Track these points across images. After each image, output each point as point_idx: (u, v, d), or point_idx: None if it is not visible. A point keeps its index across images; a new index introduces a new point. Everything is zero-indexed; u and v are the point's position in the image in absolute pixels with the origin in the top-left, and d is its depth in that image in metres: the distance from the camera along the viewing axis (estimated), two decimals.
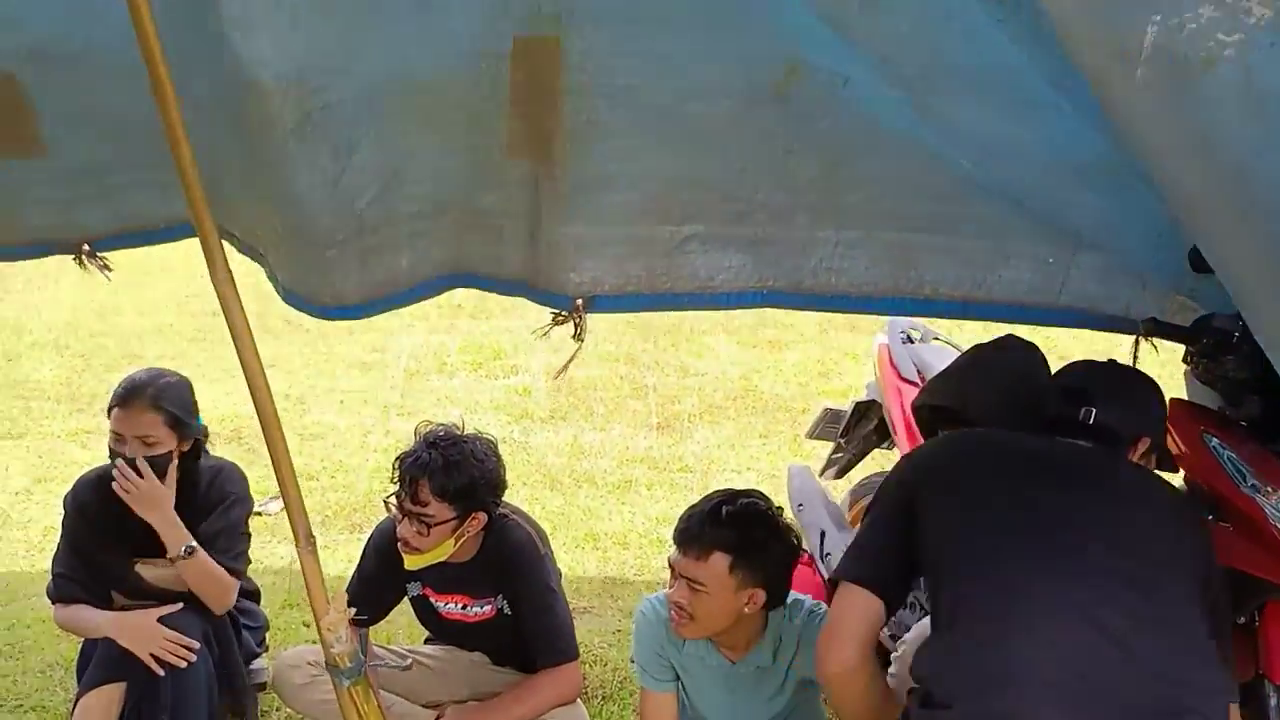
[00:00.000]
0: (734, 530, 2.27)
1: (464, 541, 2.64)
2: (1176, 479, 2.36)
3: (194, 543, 2.61)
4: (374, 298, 2.65)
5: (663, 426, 5.54)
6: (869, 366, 3.87)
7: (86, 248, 2.75)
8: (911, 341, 3.36)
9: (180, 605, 2.65)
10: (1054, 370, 2.46)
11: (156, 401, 2.63)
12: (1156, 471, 2.16)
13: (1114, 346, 2.72)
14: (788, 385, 6.20)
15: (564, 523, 4.40)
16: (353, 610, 2.26)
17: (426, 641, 3.00)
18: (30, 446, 5.09)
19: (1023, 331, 2.61)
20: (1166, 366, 2.58)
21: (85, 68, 2.17)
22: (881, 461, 3.99)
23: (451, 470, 2.54)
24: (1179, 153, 1.48)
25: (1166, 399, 2.50)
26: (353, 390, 6.02)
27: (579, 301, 2.61)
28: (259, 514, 4.31)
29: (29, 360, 6.39)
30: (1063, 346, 6.76)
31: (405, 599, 2.88)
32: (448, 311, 7.82)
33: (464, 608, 2.79)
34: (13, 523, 4.32)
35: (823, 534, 3.26)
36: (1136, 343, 2.51)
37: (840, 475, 3.72)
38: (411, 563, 2.63)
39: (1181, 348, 2.44)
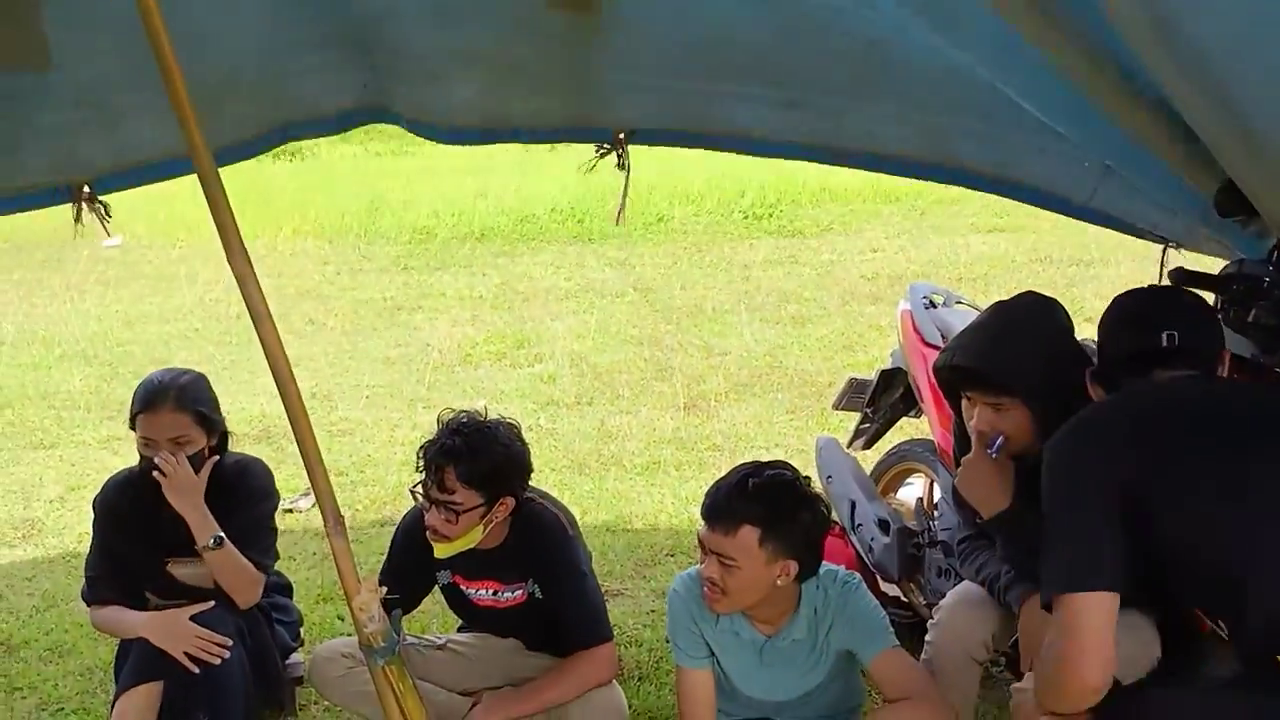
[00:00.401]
0: (762, 502, 2.24)
1: (493, 527, 2.62)
2: None
3: (222, 533, 2.62)
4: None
5: (689, 407, 5.52)
6: (894, 337, 3.82)
7: (87, 190, 2.71)
8: (934, 306, 3.31)
9: (212, 603, 2.66)
10: (1077, 325, 2.41)
11: (181, 401, 2.64)
12: None
13: None
14: (813, 360, 6.17)
15: (593, 506, 4.40)
16: (384, 589, 2.26)
17: (459, 630, 3.00)
18: (63, 456, 5.15)
19: (1046, 287, 2.56)
20: None
21: None
22: (909, 430, 3.95)
23: (477, 456, 2.53)
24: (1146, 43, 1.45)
25: None
26: (378, 385, 6.05)
27: (620, 135, 2.62)
28: (290, 510, 4.35)
29: (58, 371, 6.47)
30: (1089, 308, 6.67)
31: (436, 588, 2.88)
32: (469, 303, 7.85)
33: (495, 594, 2.78)
34: (48, 530, 4.37)
35: (853, 505, 3.23)
36: (1164, 252, 2.46)
37: (868, 445, 3.68)
38: (441, 551, 2.61)
39: (1212, 296, 2.38)
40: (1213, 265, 2.50)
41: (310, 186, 12.98)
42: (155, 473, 2.61)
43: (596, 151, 2.70)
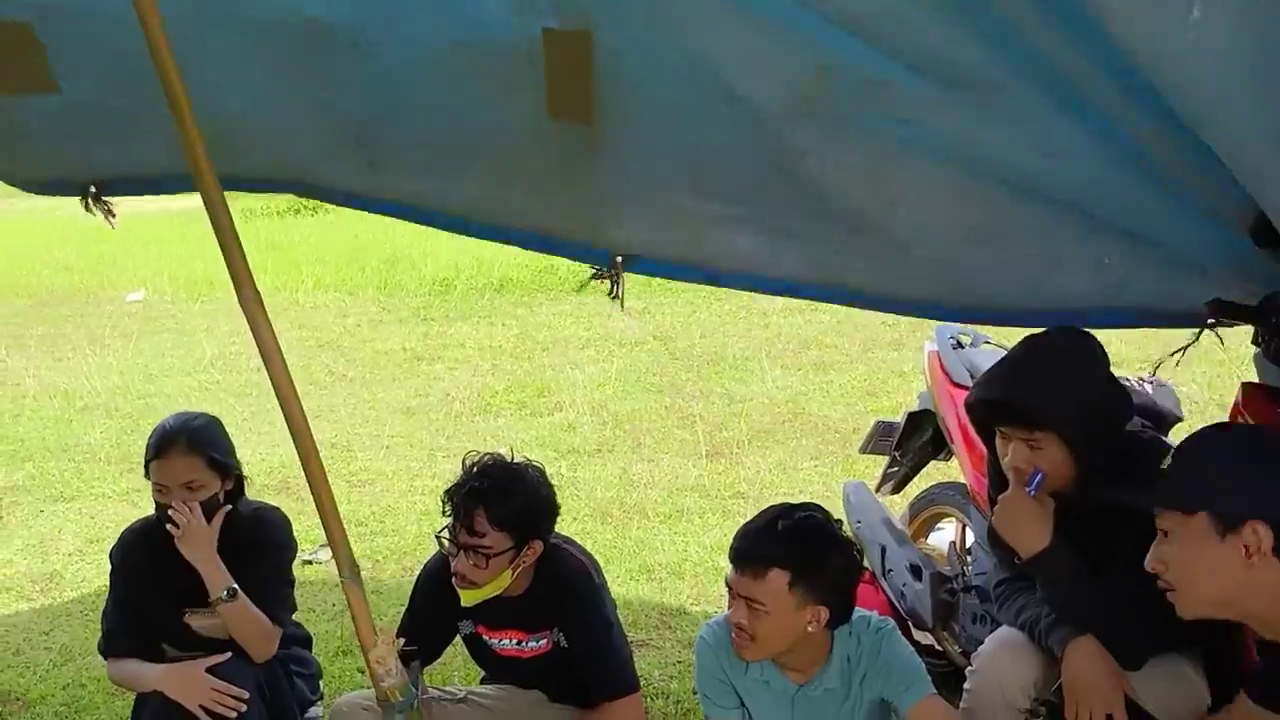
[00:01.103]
0: (791, 545, 2.18)
1: (519, 573, 2.57)
2: None
3: (235, 585, 2.57)
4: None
5: (712, 454, 5.46)
6: (917, 382, 3.77)
7: (93, 189, 2.78)
8: (962, 346, 3.26)
9: (229, 655, 2.61)
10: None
11: (193, 445, 2.60)
12: None
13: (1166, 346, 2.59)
14: (835, 406, 6.10)
15: (617, 555, 4.33)
16: (401, 641, 2.20)
17: (482, 681, 2.93)
18: (82, 508, 5.13)
19: None
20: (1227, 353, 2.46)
21: (94, 16, 2.20)
22: (937, 474, 3.88)
23: (507, 497, 2.48)
24: (1233, 85, 1.41)
25: (1239, 383, 2.40)
26: (398, 435, 6.02)
27: (618, 259, 2.58)
28: (309, 562, 4.30)
29: (80, 424, 6.47)
30: (1115, 352, 6.59)
31: (458, 638, 2.81)
32: (489, 352, 7.84)
33: (519, 643, 2.71)
34: (66, 584, 4.33)
35: (883, 550, 3.17)
36: (1198, 334, 2.39)
37: (897, 490, 3.62)
38: (469, 598, 2.55)
39: (1250, 329, 2.32)
40: None
41: (330, 240, 13.10)
42: (168, 525, 2.57)
43: (593, 275, 2.69)
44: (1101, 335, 2.37)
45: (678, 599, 3.94)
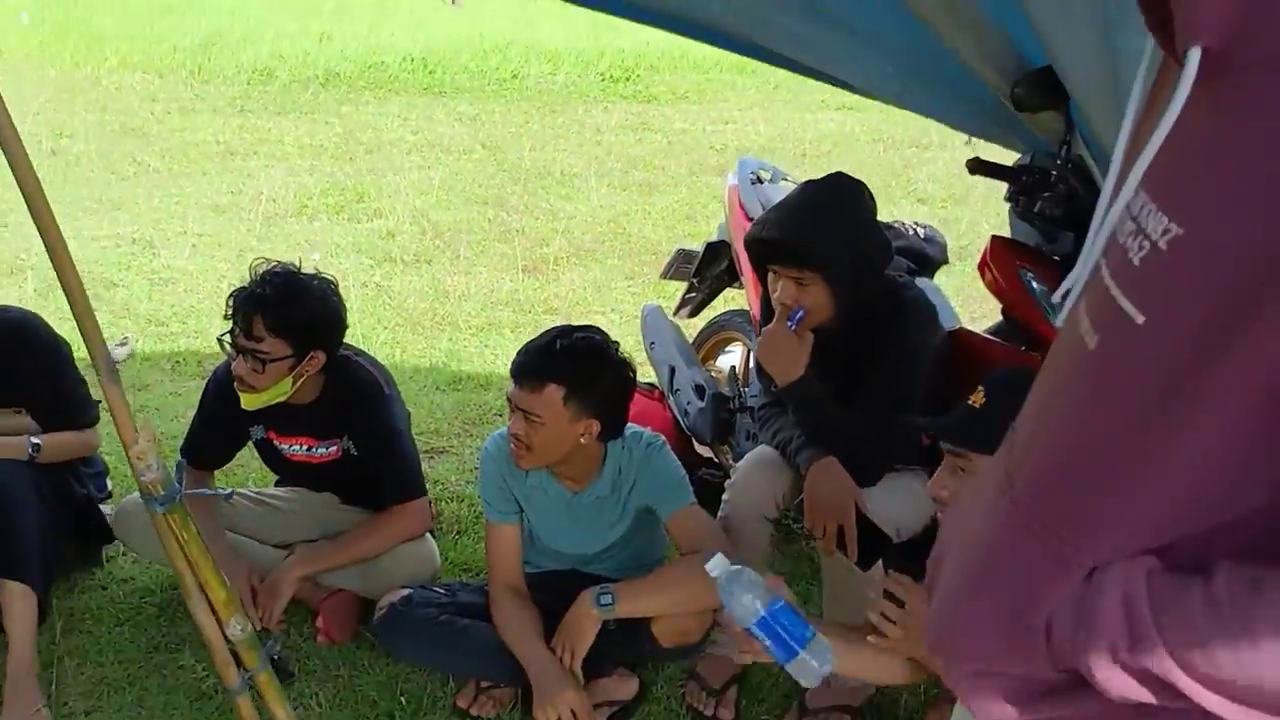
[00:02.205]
0: (568, 362, 2.30)
1: (304, 382, 2.61)
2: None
3: (35, 440, 2.56)
4: None
5: (529, 270, 5.51)
6: None
7: None
8: (760, 182, 3.37)
9: None
10: (909, 205, 2.51)
11: None
12: None
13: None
14: (655, 228, 6.21)
15: (426, 366, 4.39)
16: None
17: (276, 484, 3.00)
18: None
19: (883, 167, 2.64)
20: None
21: None
22: (735, 301, 4.07)
23: (287, 306, 2.50)
24: None
25: (990, 238, 2.60)
26: (206, 234, 5.79)
27: None
28: None
29: None
30: (922, 190, 6.90)
31: (250, 444, 2.86)
32: (309, 152, 7.54)
33: (309, 449, 2.78)
34: None
35: (672, 370, 3.34)
36: (968, 144, 2.57)
37: (694, 314, 3.78)
38: (248, 402, 2.59)
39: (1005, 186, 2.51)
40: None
41: (138, 12, 12.04)
42: None
43: None
44: (912, 174, 2.52)
45: (481, 409, 4.06)
